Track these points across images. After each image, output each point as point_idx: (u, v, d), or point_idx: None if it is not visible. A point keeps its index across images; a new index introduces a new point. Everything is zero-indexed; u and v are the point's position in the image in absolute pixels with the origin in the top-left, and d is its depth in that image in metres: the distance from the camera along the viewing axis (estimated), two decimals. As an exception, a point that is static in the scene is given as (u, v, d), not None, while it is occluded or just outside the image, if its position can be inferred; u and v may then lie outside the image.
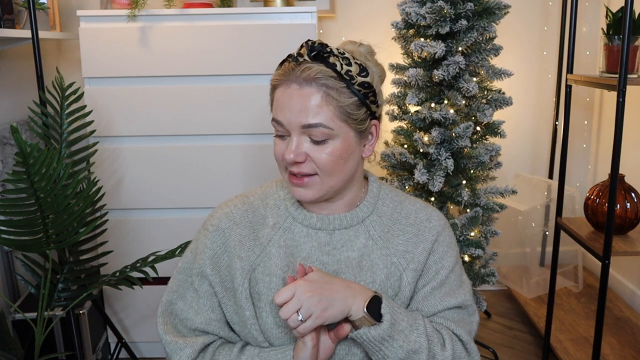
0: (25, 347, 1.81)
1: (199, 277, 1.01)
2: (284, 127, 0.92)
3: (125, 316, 2.21)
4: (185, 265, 1.04)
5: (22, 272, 1.99)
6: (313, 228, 1.01)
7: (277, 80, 0.93)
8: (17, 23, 1.96)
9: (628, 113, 1.66)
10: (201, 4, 2.06)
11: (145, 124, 2.04)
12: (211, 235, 1.01)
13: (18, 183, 1.41)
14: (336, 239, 1.01)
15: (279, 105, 0.93)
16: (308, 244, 1.00)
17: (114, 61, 2.00)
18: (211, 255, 1.00)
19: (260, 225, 1.02)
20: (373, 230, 1.02)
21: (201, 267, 1.00)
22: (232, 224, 1.01)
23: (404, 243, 1.02)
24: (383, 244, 1.01)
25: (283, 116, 0.92)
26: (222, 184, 2.09)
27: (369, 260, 1.00)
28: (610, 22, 1.80)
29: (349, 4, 2.53)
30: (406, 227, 1.04)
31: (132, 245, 2.12)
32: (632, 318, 2.34)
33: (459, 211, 2.08)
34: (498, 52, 1.94)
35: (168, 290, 1.04)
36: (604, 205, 1.79)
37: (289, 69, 0.92)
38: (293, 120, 0.91)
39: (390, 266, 1.00)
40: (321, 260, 0.99)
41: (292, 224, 1.02)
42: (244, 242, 1.00)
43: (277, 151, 0.96)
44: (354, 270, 0.99)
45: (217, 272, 0.99)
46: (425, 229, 1.04)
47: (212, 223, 1.03)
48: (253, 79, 2.03)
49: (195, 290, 1.01)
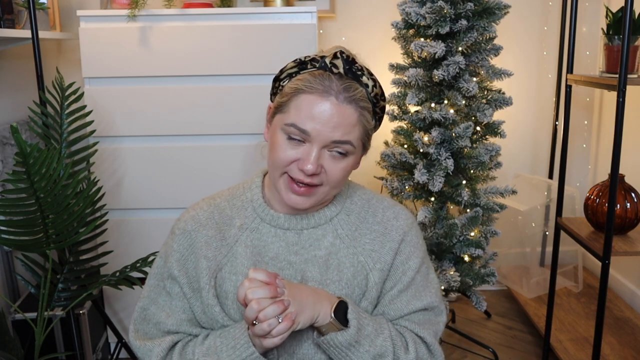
0: (25, 347, 1.81)
1: (170, 280, 1.01)
2: (308, 135, 0.90)
3: (125, 316, 2.21)
4: (156, 270, 1.04)
5: (22, 272, 1.99)
6: (281, 228, 1.01)
7: (308, 87, 0.90)
8: (17, 23, 1.96)
9: (628, 113, 1.66)
10: (201, 4, 2.06)
11: (145, 124, 2.04)
12: (177, 239, 1.02)
13: (18, 183, 1.41)
14: (304, 239, 1.01)
15: (307, 114, 0.90)
16: (276, 244, 1.00)
17: (114, 61, 2.00)
18: (178, 258, 1.01)
19: (227, 225, 1.02)
20: (341, 229, 1.02)
21: (170, 270, 1.01)
22: (198, 225, 1.02)
23: (370, 242, 1.02)
24: (350, 243, 1.01)
25: (312, 126, 0.90)
26: (222, 184, 2.08)
27: (335, 258, 1.00)
28: (610, 22, 1.80)
29: (349, 4, 2.53)
30: (373, 226, 1.04)
31: (132, 245, 2.12)
32: (632, 318, 2.34)
33: (459, 211, 2.08)
34: (498, 52, 1.94)
35: (141, 297, 1.04)
36: (604, 205, 1.79)
37: (326, 80, 0.90)
38: (323, 134, 0.90)
39: (357, 265, 1.00)
40: (288, 260, 0.99)
41: (259, 224, 1.02)
42: (210, 242, 1.00)
43: (283, 156, 0.93)
44: (320, 268, 0.99)
45: (185, 274, 1.00)
46: (392, 227, 1.03)
47: (179, 226, 1.03)
48: (253, 79, 2.03)
49: (168, 293, 1.01)
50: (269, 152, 0.97)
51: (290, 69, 0.95)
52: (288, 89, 0.93)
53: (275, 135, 0.94)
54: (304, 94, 0.90)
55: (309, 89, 0.90)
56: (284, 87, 0.94)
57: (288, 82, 0.94)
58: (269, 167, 0.98)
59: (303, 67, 0.94)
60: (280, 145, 0.93)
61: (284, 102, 0.93)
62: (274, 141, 0.94)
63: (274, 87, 0.99)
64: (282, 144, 0.93)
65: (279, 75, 0.97)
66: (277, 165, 0.94)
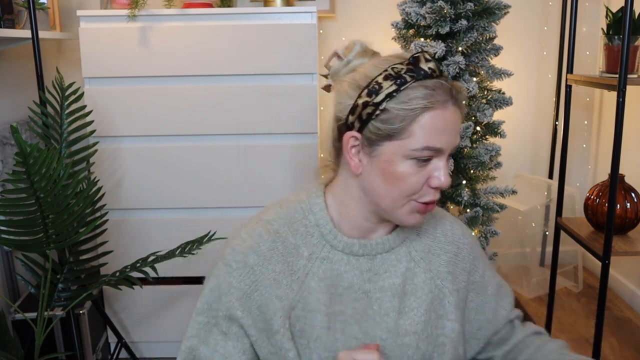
0: (25, 347, 1.81)
1: (227, 320, 0.89)
2: (441, 152, 0.83)
3: (125, 316, 2.21)
4: (206, 306, 0.91)
5: (22, 272, 1.99)
6: (355, 255, 0.91)
7: (431, 101, 0.80)
8: (17, 23, 1.96)
9: (628, 113, 1.65)
10: (201, 4, 2.06)
11: (145, 124, 2.04)
12: (237, 274, 0.89)
13: (18, 183, 1.41)
14: (378, 264, 0.92)
15: (438, 130, 0.81)
16: (349, 272, 0.91)
17: (114, 61, 2.00)
18: (240, 296, 0.88)
19: (294, 257, 0.90)
20: (414, 251, 0.95)
21: (229, 310, 0.88)
22: (262, 259, 0.89)
23: (445, 264, 0.96)
24: (426, 266, 0.95)
25: (444, 141, 0.82)
26: (222, 184, 2.09)
27: (412, 284, 0.93)
28: (610, 22, 1.80)
29: (349, 4, 2.53)
30: (445, 246, 0.97)
31: (132, 245, 2.12)
32: (632, 318, 2.34)
33: (459, 211, 2.08)
34: (498, 52, 1.94)
35: (188, 336, 0.91)
36: (604, 205, 1.79)
37: (440, 88, 0.81)
38: (452, 144, 0.83)
39: (434, 289, 0.94)
40: (363, 289, 0.91)
41: (330, 252, 0.91)
42: (279, 279, 0.89)
43: (415, 182, 0.83)
44: (398, 296, 0.91)
45: (249, 314, 0.88)
46: (463, 246, 0.99)
47: (236, 259, 0.90)
48: (253, 79, 2.03)
49: (223, 333, 0.89)
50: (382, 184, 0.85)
51: (388, 88, 0.81)
52: (402, 111, 0.80)
53: (393, 165, 0.83)
54: (428, 111, 0.80)
55: (431, 103, 0.80)
56: (391, 110, 0.81)
57: (392, 103, 0.81)
58: (384, 198, 0.86)
59: (402, 81, 0.81)
60: (409, 173, 0.83)
61: (401, 127, 0.81)
62: (394, 171, 0.83)
63: (364, 115, 0.83)
64: (410, 171, 0.82)
65: (370, 100, 0.82)
66: (406, 194, 0.84)
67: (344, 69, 0.91)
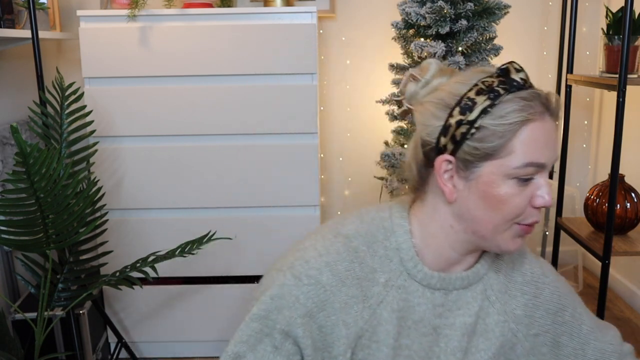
0: (25, 347, 1.81)
1: (283, 335, 0.82)
2: (543, 167, 0.77)
3: (125, 316, 2.21)
4: (263, 313, 0.83)
5: (22, 272, 1.99)
6: (432, 288, 0.85)
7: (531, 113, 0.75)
8: (17, 23, 1.96)
9: (628, 113, 1.66)
10: (201, 4, 2.06)
11: (145, 124, 2.04)
12: (306, 289, 0.82)
13: (18, 183, 1.41)
14: (451, 300, 0.86)
15: (537, 144, 0.75)
16: (422, 305, 0.85)
17: (114, 61, 2.00)
18: (304, 313, 0.81)
19: (369, 281, 0.84)
20: (490, 289, 0.88)
21: (289, 325, 0.82)
22: (337, 281, 0.82)
23: (522, 307, 0.89)
24: (501, 307, 0.88)
25: (546, 155, 0.76)
26: (222, 184, 2.09)
27: (483, 324, 0.87)
28: (610, 22, 1.80)
29: (349, 4, 2.53)
30: (523, 287, 0.90)
31: (132, 245, 2.12)
32: (632, 318, 2.34)
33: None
34: (498, 52, 1.94)
35: (236, 340, 0.85)
36: (604, 205, 1.79)
37: (536, 99, 0.76)
38: (553, 158, 0.78)
39: (506, 333, 0.88)
40: (433, 324, 0.86)
41: (406, 280, 0.84)
42: (350, 304, 0.82)
43: (519, 204, 0.77)
44: (468, 336, 0.86)
45: (310, 334, 0.82)
46: (544, 286, 0.91)
47: (309, 274, 0.82)
48: (253, 79, 2.03)
49: (275, 346, 0.82)
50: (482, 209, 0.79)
51: (482, 103, 0.76)
52: (499, 126, 0.75)
53: (493, 187, 0.77)
54: (527, 124, 0.75)
55: (530, 115, 0.74)
56: (487, 127, 0.75)
57: (487, 120, 0.75)
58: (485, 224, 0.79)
59: (495, 94, 0.76)
60: (511, 194, 0.76)
61: (500, 144, 0.75)
62: (496, 194, 0.77)
63: (458, 135, 0.77)
64: (513, 192, 0.76)
65: (464, 119, 0.76)
66: (509, 217, 0.78)
67: (423, 90, 0.85)
